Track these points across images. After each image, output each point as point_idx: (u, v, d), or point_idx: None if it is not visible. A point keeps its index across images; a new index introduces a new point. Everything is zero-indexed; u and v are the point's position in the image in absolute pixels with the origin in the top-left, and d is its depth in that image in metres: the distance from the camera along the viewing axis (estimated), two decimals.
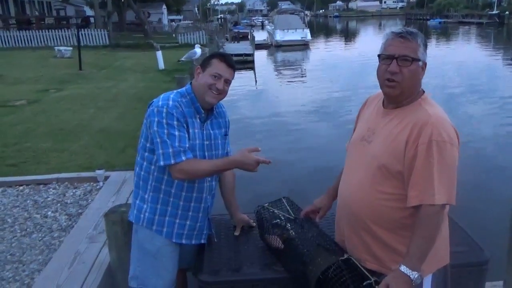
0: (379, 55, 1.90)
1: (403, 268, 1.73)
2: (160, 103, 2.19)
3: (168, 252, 2.36)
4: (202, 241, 2.47)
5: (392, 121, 1.89)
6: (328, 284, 1.91)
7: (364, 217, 1.91)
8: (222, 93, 2.27)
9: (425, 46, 1.87)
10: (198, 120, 2.30)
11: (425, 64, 1.88)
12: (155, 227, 2.31)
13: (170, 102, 2.19)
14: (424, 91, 1.94)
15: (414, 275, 1.71)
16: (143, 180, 2.33)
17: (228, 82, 2.28)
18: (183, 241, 2.38)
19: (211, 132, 2.36)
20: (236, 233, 2.63)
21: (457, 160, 1.79)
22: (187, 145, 2.16)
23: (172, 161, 2.13)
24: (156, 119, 2.15)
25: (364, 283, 1.83)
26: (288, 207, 2.48)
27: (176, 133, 2.14)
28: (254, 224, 2.63)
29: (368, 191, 1.89)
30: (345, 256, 1.98)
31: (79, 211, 4.75)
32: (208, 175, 2.30)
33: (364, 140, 1.98)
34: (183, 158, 2.13)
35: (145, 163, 2.30)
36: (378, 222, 1.88)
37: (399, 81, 1.83)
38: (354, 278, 1.88)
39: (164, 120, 2.14)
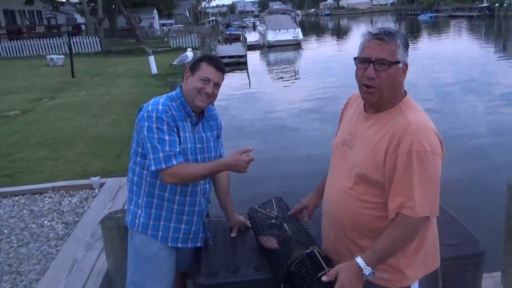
0: (355, 58, 1.79)
1: (359, 259, 1.70)
2: (150, 107, 2.19)
3: (164, 256, 2.35)
4: (198, 245, 2.46)
5: (372, 127, 1.80)
6: (293, 278, 1.89)
7: (346, 225, 1.86)
8: (212, 96, 2.27)
9: (406, 45, 1.75)
10: (189, 124, 2.29)
11: (406, 65, 1.76)
12: (150, 232, 2.31)
13: (160, 107, 2.18)
14: (406, 93, 1.83)
15: (367, 270, 1.68)
16: (136, 186, 2.33)
17: (217, 85, 2.28)
18: (179, 245, 2.37)
19: (203, 135, 2.35)
20: (233, 235, 2.62)
21: (440, 168, 1.69)
22: (177, 149, 2.16)
23: (163, 166, 2.12)
24: (146, 124, 2.15)
25: (319, 274, 1.79)
26: (275, 207, 2.48)
27: (166, 137, 2.14)
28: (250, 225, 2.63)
29: (349, 199, 1.82)
30: (310, 249, 1.95)
31: (76, 219, 4.74)
32: (200, 178, 2.29)
33: (345, 144, 1.91)
34: (174, 162, 2.13)
35: (137, 168, 2.29)
36: (360, 230, 1.83)
37: (377, 86, 1.72)
38: (314, 270, 1.84)
39: (154, 125, 2.14)
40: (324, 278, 1.75)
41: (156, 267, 2.34)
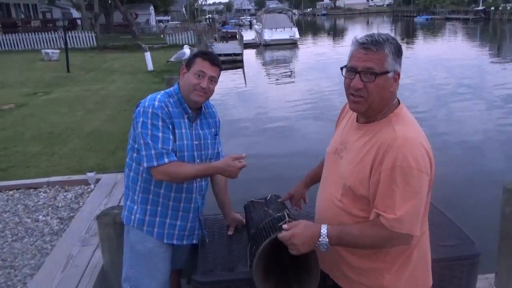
0: (341, 68, 1.71)
1: (323, 226, 1.66)
2: (147, 103, 2.19)
3: (160, 253, 2.35)
4: (194, 242, 2.46)
5: (362, 138, 1.73)
6: (259, 232, 1.88)
7: None
8: (207, 92, 2.26)
9: (397, 53, 1.65)
10: (187, 120, 2.29)
11: (397, 74, 1.66)
12: (146, 228, 2.31)
13: (156, 103, 2.18)
14: (399, 103, 1.75)
15: (324, 239, 1.64)
16: (132, 181, 2.33)
17: (213, 80, 2.26)
18: (174, 242, 2.37)
19: (200, 132, 2.35)
20: (230, 233, 2.62)
21: (425, 187, 1.62)
22: (170, 147, 2.15)
23: (155, 163, 2.12)
24: (141, 119, 2.15)
25: (280, 223, 1.78)
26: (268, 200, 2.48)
27: (160, 134, 2.14)
28: None
29: (336, 210, 1.78)
30: (281, 212, 1.95)
31: (71, 214, 4.73)
32: (189, 179, 2.29)
33: (337, 153, 1.86)
34: (166, 160, 2.13)
35: (134, 164, 2.29)
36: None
37: (365, 96, 1.65)
38: (278, 222, 1.83)
39: (149, 121, 2.14)
40: (284, 226, 1.72)
41: (151, 264, 2.34)
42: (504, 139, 9.41)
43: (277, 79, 19.92)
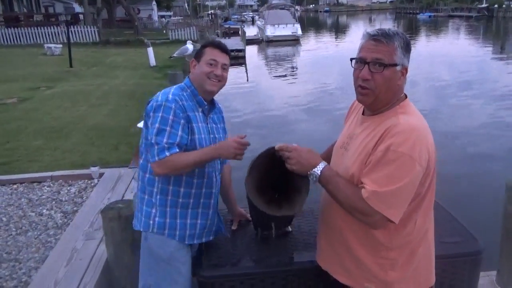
0: (351, 59, 1.75)
1: (322, 163, 1.73)
2: (160, 97, 2.11)
3: (182, 256, 2.27)
4: (211, 238, 2.40)
5: (367, 129, 1.75)
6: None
7: (339, 227, 1.82)
8: (222, 79, 2.22)
9: (406, 48, 1.68)
10: (201, 114, 2.23)
11: (405, 68, 1.70)
12: (167, 231, 2.22)
13: (170, 96, 2.11)
14: (406, 97, 1.78)
15: (316, 172, 1.71)
16: (148, 184, 2.23)
17: (225, 67, 2.24)
18: (195, 241, 2.30)
19: (214, 125, 2.32)
20: (234, 227, 2.63)
21: (416, 178, 1.60)
22: (176, 142, 2.06)
23: (156, 158, 2.05)
24: (151, 114, 2.09)
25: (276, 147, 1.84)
26: None
27: (167, 128, 2.05)
28: None
29: (339, 206, 1.76)
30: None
31: (75, 208, 4.75)
32: (190, 168, 2.12)
33: (343, 147, 1.87)
34: (167, 153, 2.04)
35: (149, 165, 2.17)
36: (353, 232, 1.78)
37: (372, 88, 1.67)
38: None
39: (160, 114, 2.06)
40: (277, 146, 1.81)
41: (173, 268, 2.24)
42: (507, 135, 9.41)
43: (279, 76, 19.89)
